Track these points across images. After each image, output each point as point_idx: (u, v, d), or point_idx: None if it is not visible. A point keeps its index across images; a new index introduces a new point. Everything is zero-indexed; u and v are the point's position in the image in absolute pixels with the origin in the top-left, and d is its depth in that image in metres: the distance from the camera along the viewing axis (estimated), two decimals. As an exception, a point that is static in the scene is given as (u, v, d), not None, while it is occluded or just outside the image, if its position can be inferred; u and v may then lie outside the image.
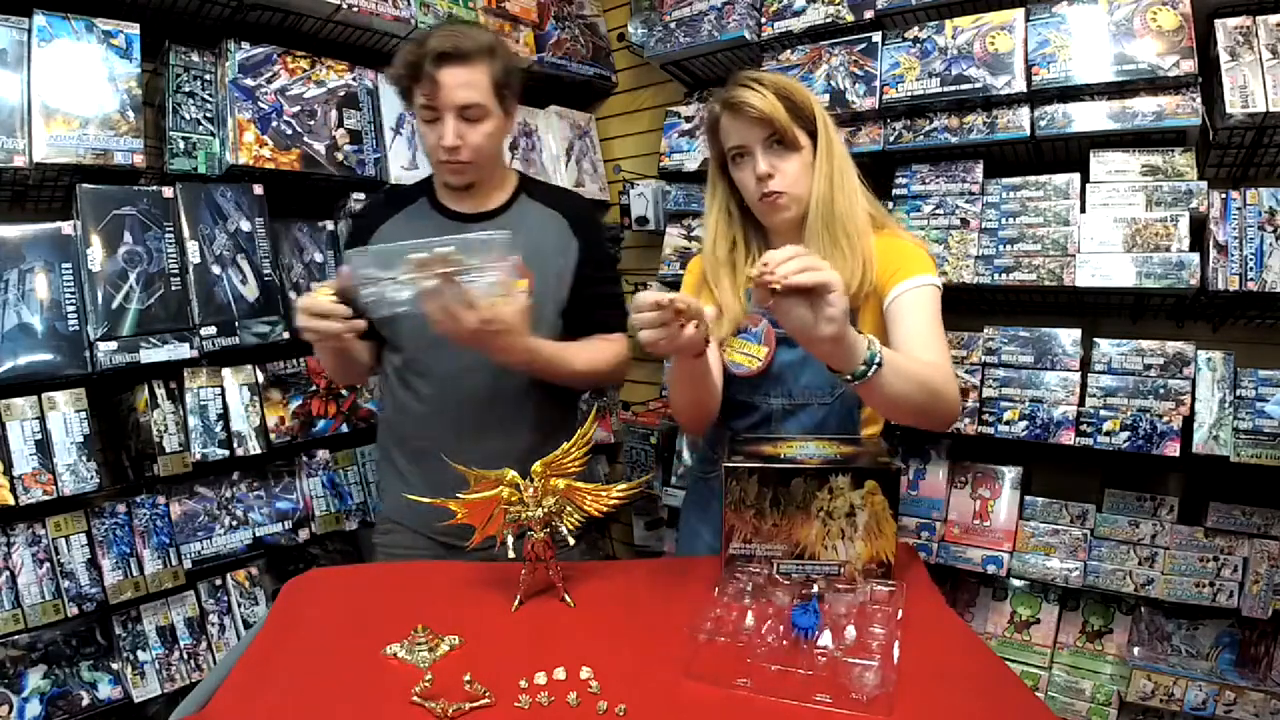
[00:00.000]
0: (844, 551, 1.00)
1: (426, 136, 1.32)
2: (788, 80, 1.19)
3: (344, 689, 0.87)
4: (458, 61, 1.25)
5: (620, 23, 2.49)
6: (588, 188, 2.52)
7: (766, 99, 1.14)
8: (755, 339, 1.22)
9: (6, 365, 1.43)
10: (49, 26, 1.46)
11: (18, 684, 1.47)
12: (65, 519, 1.52)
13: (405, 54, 1.28)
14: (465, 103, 1.27)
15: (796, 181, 1.18)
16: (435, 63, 1.24)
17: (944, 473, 1.91)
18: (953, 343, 1.82)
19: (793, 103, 1.16)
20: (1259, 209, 1.47)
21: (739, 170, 1.21)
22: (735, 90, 1.17)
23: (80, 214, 1.52)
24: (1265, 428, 1.49)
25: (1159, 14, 1.53)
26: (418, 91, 1.28)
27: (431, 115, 1.28)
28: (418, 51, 1.25)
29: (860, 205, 1.21)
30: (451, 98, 1.26)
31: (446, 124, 1.27)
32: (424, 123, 1.31)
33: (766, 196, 1.19)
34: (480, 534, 1.04)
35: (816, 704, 0.77)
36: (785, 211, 1.20)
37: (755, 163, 1.18)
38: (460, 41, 1.25)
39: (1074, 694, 1.74)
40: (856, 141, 1.87)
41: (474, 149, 1.31)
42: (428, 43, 1.25)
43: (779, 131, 1.15)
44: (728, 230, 1.29)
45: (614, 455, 2.73)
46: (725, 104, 1.19)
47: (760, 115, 1.14)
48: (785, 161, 1.18)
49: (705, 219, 1.32)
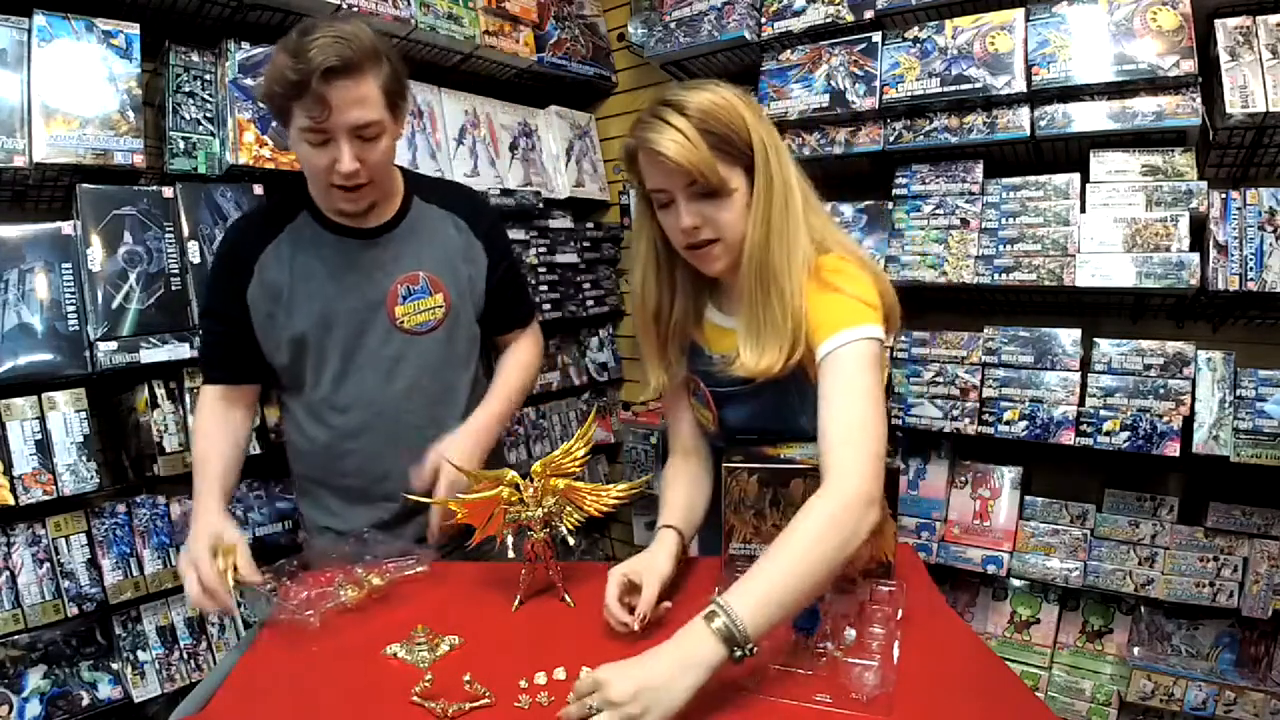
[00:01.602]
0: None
1: (310, 159, 1.14)
2: (717, 105, 0.97)
3: (344, 689, 0.87)
4: (347, 75, 1.06)
5: (620, 23, 2.49)
6: (588, 188, 2.52)
7: (685, 146, 0.93)
8: (702, 402, 1.16)
9: (6, 365, 1.43)
10: (49, 26, 1.46)
11: (18, 684, 1.47)
12: (65, 519, 1.51)
13: (281, 68, 1.06)
14: (361, 121, 1.10)
15: (731, 227, 0.99)
16: (323, 80, 1.04)
17: (944, 473, 1.91)
18: (953, 343, 1.82)
19: (720, 138, 0.96)
20: (1259, 209, 1.47)
21: (663, 213, 1.03)
22: (650, 130, 0.96)
23: (80, 214, 1.52)
24: (1265, 428, 1.50)
25: (1159, 14, 1.53)
26: (298, 112, 1.08)
27: (320, 138, 1.10)
28: (297, 66, 1.04)
29: (801, 243, 1.01)
30: (345, 119, 1.08)
31: (342, 148, 1.11)
32: (309, 145, 1.12)
33: (694, 247, 1.02)
34: (480, 534, 1.04)
35: (816, 704, 0.77)
36: (717, 263, 1.02)
37: (679, 214, 0.99)
38: (345, 51, 1.06)
39: (1074, 694, 1.74)
40: (856, 141, 1.87)
41: (372, 168, 1.15)
42: (307, 53, 1.04)
43: (701, 181, 0.96)
44: (656, 277, 1.11)
45: (614, 455, 2.73)
46: (640, 144, 0.98)
47: (676, 168, 0.95)
48: (715, 209, 0.98)
49: (633, 259, 1.14)
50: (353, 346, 1.26)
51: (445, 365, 1.32)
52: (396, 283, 1.27)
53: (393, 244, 1.28)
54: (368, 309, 1.26)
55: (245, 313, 1.24)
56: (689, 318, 1.13)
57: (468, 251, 1.34)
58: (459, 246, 1.33)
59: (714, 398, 1.13)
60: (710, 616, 0.77)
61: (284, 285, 1.24)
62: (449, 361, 1.33)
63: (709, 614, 0.78)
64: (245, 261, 1.24)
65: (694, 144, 0.94)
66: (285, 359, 1.27)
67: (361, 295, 1.26)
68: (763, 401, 1.07)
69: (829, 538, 0.82)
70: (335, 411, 1.29)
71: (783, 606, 0.80)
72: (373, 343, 1.27)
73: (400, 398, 1.28)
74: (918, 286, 1.77)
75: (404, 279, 1.27)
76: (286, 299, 1.24)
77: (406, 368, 1.29)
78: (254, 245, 1.25)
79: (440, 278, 1.30)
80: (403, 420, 1.29)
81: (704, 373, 1.12)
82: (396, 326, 1.27)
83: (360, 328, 1.26)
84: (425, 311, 1.29)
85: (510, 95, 2.35)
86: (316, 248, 1.25)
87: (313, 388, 1.29)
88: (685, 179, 0.96)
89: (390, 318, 1.27)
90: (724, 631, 0.76)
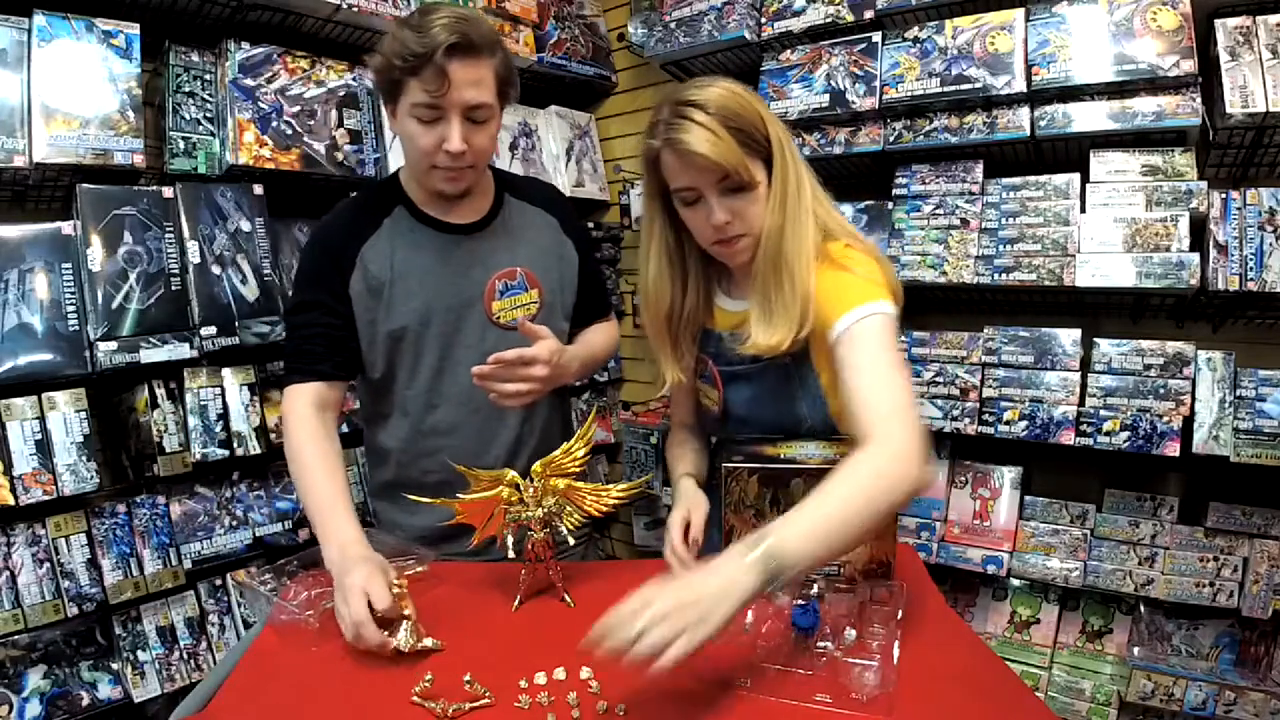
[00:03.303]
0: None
1: (418, 138, 1.14)
2: (734, 100, 0.99)
3: (344, 689, 0.87)
4: (468, 54, 1.09)
5: (620, 23, 2.49)
6: (588, 188, 2.52)
7: (718, 143, 0.96)
8: (709, 382, 1.18)
9: (6, 365, 1.43)
10: (49, 26, 1.46)
11: (18, 684, 1.47)
12: (65, 519, 1.51)
13: (404, 40, 1.08)
14: (476, 102, 1.12)
15: (758, 220, 1.03)
16: (446, 55, 1.06)
17: (944, 473, 1.91)
18: (952, 343, 1.82)
19: (744, 133, 0.98)
20: (1259, 209, 1.47)
21: (689, 210, 1.05)
22: (678, 130, 0.97)
23: (80, 214, 1.52)
24: (1265, 428, 1.50)
25: (1159, 14, 1.53)
26: (415, 86, 1.09)
27: (432, 115, 1.12)
28: (422, 40, 1.06)
29: (810, 230, 1.04)
30: (462, 96, 1.10)
31: (452, 125, 1.12)
32: (418, 122, 1.13)
33: (724, 242, 1.05)
34: (480, 534, 1.04)
35: (816, 704, 0.77)
36: (743, 255, 1.06)
37: (710, 210, 1.01)
38: (470, 32, 1.08)
39: (1074, 694, 1.74)
40: (856, 141, 1.88)
41: (477, 153, 1.17)
42: (431, 30, 1.06)
43: (734, 177, 0.99)
44: (670, 274, 1.14)
45: (614, 455, 2.73)
46: (668, 145, 1.00)
47: (709, 165, 0.97)
48: (744, 204, 1.02)
49: (642, 258, 1.17)
50: (450, 342, 1.25)
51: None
52: (494, 278, 1.26)
53: (489, 239, 1.28)
54: (465, 304, 1.25)
55: (349, 304, 1.22)
56: (699, 308, 1.17)
57: (559, 248, 1.35)
58: (551, 243, 1.34)
59: (721, 376, 1.15)
60: (754, 545, 0.78)
61: (385, 280, 1.22)
62: None
63: (754, 542, 0.78)
64: (348, 253, 1.22)
65: (725, 140, 0.96)
66: (380, 355, 1.24)
67: (459, 291, 1.25)
68: (766, 384, 1.11)
69: (879, 484, 0.84)
70: (429, 408, 1.26)
71: (828, 544, 0.81)
72: (470, 338, 1.25)
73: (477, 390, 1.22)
74: (918, 286, 1.77)
75: (501, 274, 1.27)
76: (388, 294, 1.22)
77: None
78: (356, 237, 1.24)
79: (535, 273, 1.29)
80: (495, 417, 1.27)
81: (713, 352, 1.16)
82: (494, 322, 1.26)
83: (457, 323, 1.25)
84: (521, 307, 1.28)
85: (510, 95, 2.35)
86: (415, 242, 1.24)
87: (407, 385, 1.26)
88: (717, 175, 0.99)
89: (488, 313, 1.26)
90: (766, 558, 0.77)
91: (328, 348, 1.22)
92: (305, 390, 1.20)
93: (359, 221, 1.26)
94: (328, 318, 1.22)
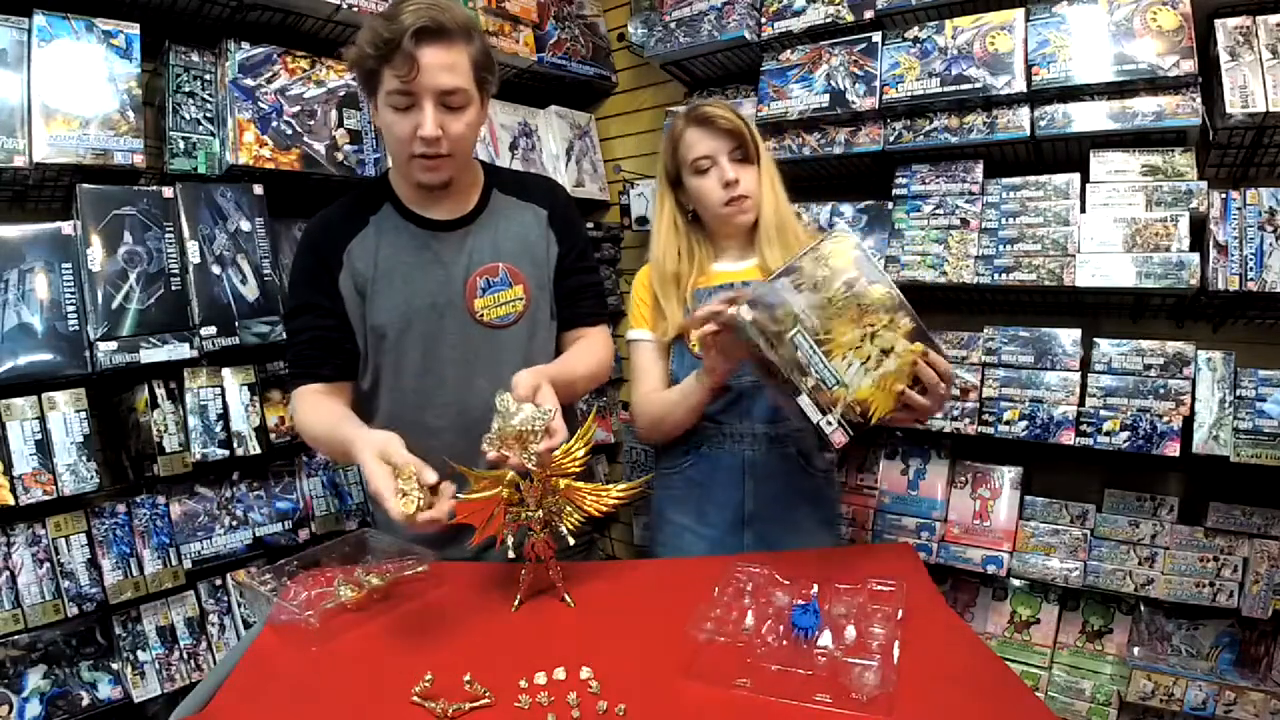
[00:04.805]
0: (851, 375, 1.00)
1: (394, 127, 1.14)
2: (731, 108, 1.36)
3: (344, 689, 0.87)
4: (438, 39, 1.09)
5: (620, 23, 2.49)
6: (588, 188, 2.52)
7: (736, 115, 1.31)
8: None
9: (6, 365, 1.43)
10: (49, 26, 1.46)
11: (18, 684, 1.47)
12: (65, 519, 1.51)
13: (373, 30, 1.09)
14: (448, 87, 1.11)
15: (756, 188, 1.34)
16: (414, 40, 1.07)
17: (944, 473, 1.91)
18: (953, 343, 1.82)
19: (748, 128, 1.33)
20: (1259, 209, 1.47)
21: (702, 179, 1.33)
22: (704, 107, 1.33)
23: (80, 214, 1.52)
24: (1265, 428, 1.49)
25: (1159, 14, 1.53)
26: (388, 74, 1.10)
27: (406, 101, 1.12)
28: (390, 27, 1.07)
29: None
30: (433, 80, 1.10)
31: (426, 111, 1.11)
32: (394, 110, 1.13)
33: (733, 201, 1.32)
34: (480, 534, 1.04)
35: (816, 704, 0.77)
36: (747, 215, 1.34)
37: (722, 171, 1.31)
38: (439, 16, 1.09)
39: (1074, 694, 1.74)
40: (856, 141, 1.87)
41: (454, 140, 1.15)
42: (400, 17, 1.07)
43: (744, 144, 1.31)
44: (675, 241, 1.40)
45: (614, 455, 2.73)
46: (694, 118, 1.33)
47: (731, 127, 1.30)
48: (746, 172, 1.33)
49: (654, 231, 1.43)
50: (434, 341, 1.24)
51: (526, 362, 1.24)
52: (475, 274, 1.25)
53: (471, 235, 1.26)
54: (446, 302, 1.24)
55: (342, 303, 1.21)
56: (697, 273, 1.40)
57: (544, 241, 1.32)
58: (537, 236, 1.32)
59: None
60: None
61: (369, 277, 1.22)
62: (530, 357, 1.27)
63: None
64: (335, 251, 1.23)
65: (740, 115, 1.33)
66: (369, 353, 1.24)
67: (440, 288, 1.23)
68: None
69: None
70: (417, 408, 1.25)
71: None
72: (453, 337, 1.24)
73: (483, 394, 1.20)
74: (918, 286, 1.77)
75: (483, 270, 1.25)
76: (370, 292, 1.22)
77: (488, 363, 1.25)
78: (343, 235, 1.25)
79: (519, 268, 1.27)
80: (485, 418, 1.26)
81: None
82: (477, 320, 1.25)
83: (440, 322, 1.24)
84: (506, 304, 1.26)
85: (510, 95, 2.35)
86: (398, 240, 1.24)
87: (393, 384, 1.26)
88: (734, 142, 1.31)
89: (470, 311, 1.24)
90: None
91: (325, 351, 1.23)
92: (306, 389, 1.23)
93: (347, 219, 1.27)
94: (322, 320, 1.22)
